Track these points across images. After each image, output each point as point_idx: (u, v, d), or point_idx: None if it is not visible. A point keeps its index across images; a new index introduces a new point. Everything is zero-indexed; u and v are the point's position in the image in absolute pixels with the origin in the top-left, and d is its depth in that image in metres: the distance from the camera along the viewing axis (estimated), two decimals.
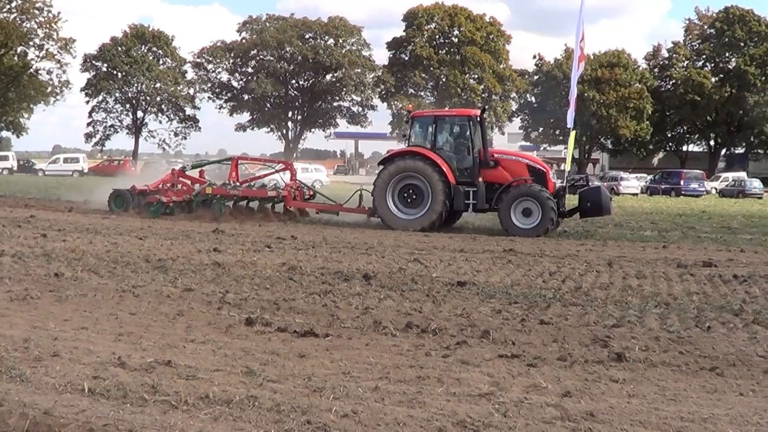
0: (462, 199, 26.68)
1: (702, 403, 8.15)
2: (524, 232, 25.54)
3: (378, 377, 8.69)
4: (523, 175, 26.70)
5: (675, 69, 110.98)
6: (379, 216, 27.56)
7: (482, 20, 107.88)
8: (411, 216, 26.92)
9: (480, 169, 26.95)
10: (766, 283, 16.41)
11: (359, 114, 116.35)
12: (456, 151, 27.77)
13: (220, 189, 29.60)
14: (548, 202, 25.63)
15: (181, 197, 29.65)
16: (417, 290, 14.43)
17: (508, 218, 26.00)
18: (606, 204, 27.00)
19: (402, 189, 27.15)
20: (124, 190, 30.81)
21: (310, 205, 31.05)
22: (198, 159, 56.61)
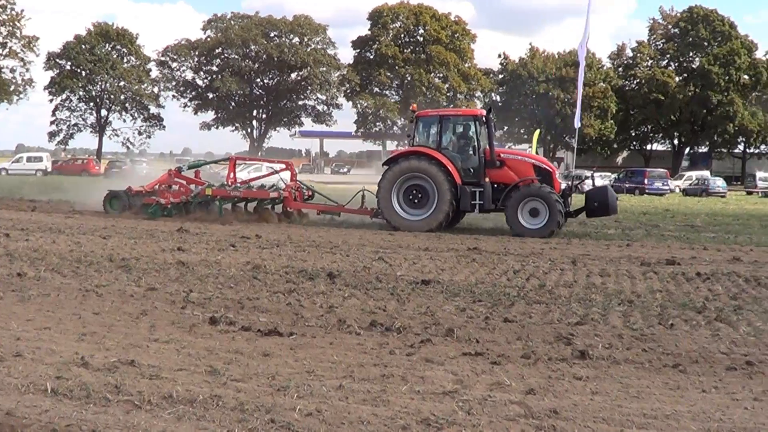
0: (468, 200, 26.40)
1: (665, 400, 8.21)
2: (531, 232, 25.36)
3: (342, 376, 8.70)
4: (529, 175, 26.46)
5: (639, 68, 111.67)
6: (384, 217, 27.19)
7: (447, 19, 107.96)
8: (417, 217, 26.62)
9: (486, 169, 26.71)
10: (729, 281, 16.53)
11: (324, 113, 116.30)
12: (461, 151, 27.49)
13: (220, 190, 29.28)
14: (556, 202, 25.45)
15: (178, 198, 29.16)
16: (381, 289, 14.44)
17: (515, 218, 25.76)
18: (613, 204, 26.97)
19: (407, 189, 26.80)
20: (120, 192, 30.18)
21: (311, 206, 30.52)
22: (161, 157, 55.48)
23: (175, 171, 30.64)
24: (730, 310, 13.15)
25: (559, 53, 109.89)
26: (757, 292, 15.24)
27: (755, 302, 14.02)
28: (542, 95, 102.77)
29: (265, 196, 29.55)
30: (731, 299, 14.31)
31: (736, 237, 26.88)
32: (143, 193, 29.72)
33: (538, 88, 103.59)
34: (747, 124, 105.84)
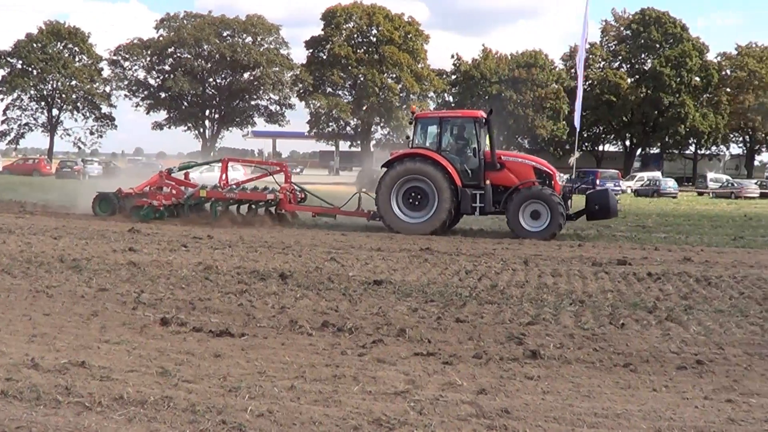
0: (469, 202, 26.19)
1: (615, 399, 8.28)
2: (533, 234, 25.23)
3: (294, 376, 8.69)
4: (530, 177, 26.38)
5: (591, 70, 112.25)
6: (383, 220, 26.91)
7: (400, 20, 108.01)
8: (416, 219, 26.38)
9: (486, 172, 26.51)
10: (680, 281, 16.67)
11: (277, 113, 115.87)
12: (461, 152, 27.29)
13: (214, 192, 28.82)
14: (558, 205, 25.38)
15: (170, 200, 28.71)
16: (333, 289, 14.44)
17: (516, 221, 25.64)
18: (613, 206, 27.00)
19: (406, 192, 26.55)
20: (109, 194, 29.56)
21: (307, 208, 30.11)
22: (110, 157, 53.65)
23: (166, 172, 30.05)
24: (680, 309, 13.25)
25: (512, 54, 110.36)
26: (707, 292, 15.37)
27: (705, 302, 14.14)
28: (495, 96, 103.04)
29: (262, 198, 29.00)
30: (682, 299, 14.42)
31: (687, 237, 27.09)
32: (133, 195, 29.15)
33: (491, 89, 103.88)
34: (698, 125, 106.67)
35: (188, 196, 28.64)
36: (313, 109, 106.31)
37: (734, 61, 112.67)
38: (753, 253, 22.80)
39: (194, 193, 28.69)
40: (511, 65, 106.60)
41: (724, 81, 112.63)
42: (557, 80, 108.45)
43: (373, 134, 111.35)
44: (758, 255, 22.16)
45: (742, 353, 10.32)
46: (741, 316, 12.86)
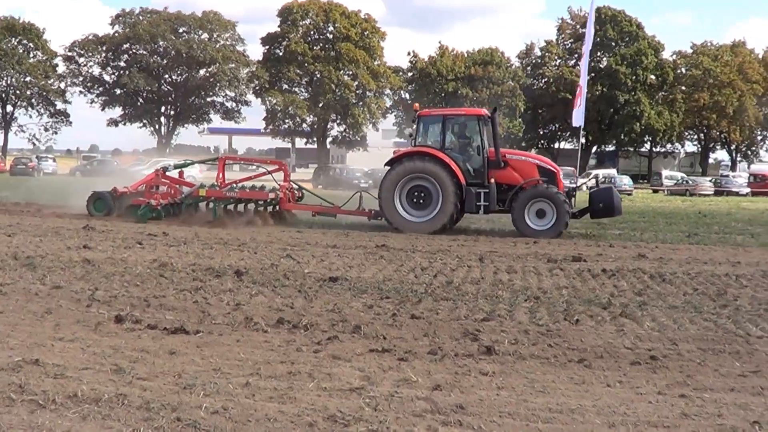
0: (473, 201, 26.01)
1: (570, 394, 8.32)
2: (538, 233, 25.16)
3: (249, 373, 8.68)
4: (533, 175, 26.31)
5: (547, 67, 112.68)
6: (386, 219, 26.71)
7: (357, 17, 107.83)
8: (420, 218, 26.15)
9: (490, 170, 26.45)
10: (634, 277, 16.79)
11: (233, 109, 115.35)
12: (465, 151, 27.20)
13: (215, 191, 28.29)
14: (564, 203, 25.39)
15: (167, 199, 28.14)
16: (289, 286, 14.42)
17: (522, 220, 25.61)
18: (618, 205, 26.90)
19: (410, 191, 26.35)
20: (104, 193, 28.77)
21: (307, 207, 29.65)
22: (70, 153, 51.58)
23: (162, 171, 29.39)
24: (634, 305, 13.36)
25: (468, 52, 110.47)
26: (661, 288, 15.50)
27: (660, 298, 14.26)
28: (451, 93, 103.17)
29: (264, 197, 28.52)
30: (636, 295, 14.53)
31: (641, 234, 27.22)
32: (128, 194, 28.65)
33: (447, 86, 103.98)
34: (653, 123, 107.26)
35: (186, 194, 28.30)
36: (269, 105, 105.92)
37: (689, 60, 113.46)
38: (707, 249, 22.98)
39: (193, 191, 28.35)
40: (468, 63, 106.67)
41: (679, 79, 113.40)
42: (513, 78, 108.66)
43: (329, 131, 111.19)
44: (712, 252, 22.34)
45: (696, 349, 10.40)
46: (695, 312, 12.97)
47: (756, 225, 32.58)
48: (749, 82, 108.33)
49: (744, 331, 11.53)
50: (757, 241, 25.80)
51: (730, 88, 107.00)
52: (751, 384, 8.92)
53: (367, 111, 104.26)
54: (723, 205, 53.33)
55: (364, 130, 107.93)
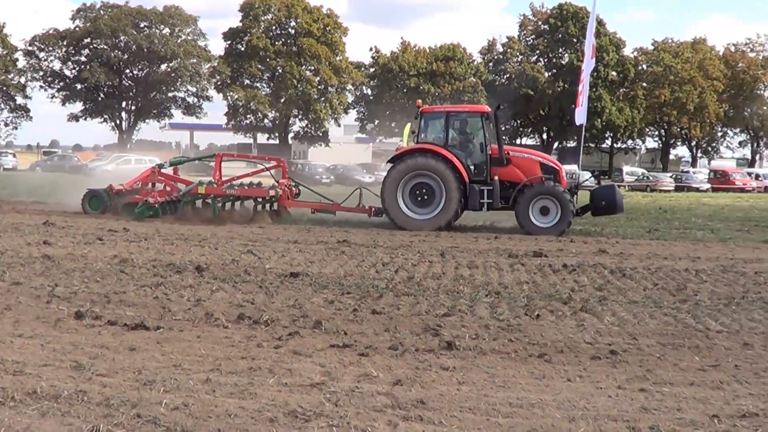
0: (477, 198, 25.94)
1: (530, 389, 8.37)
2: (543, 230, 25.12)
3: (209, 369, 8.67)
4: (536, 173, 26.22)
5: (509, 64, 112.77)
6: (389, 216, 26.54)
7: (319, 12, 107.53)
8: (424, 216, 26.05)
9: (492, 167, 26.35)
10: (595, 273, 16.89)
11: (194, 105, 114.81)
12: (467, 148, 27.14)
13: (214, 188, 27.85)
14: (568, 201, 25.39)
15: (164, 197, 27.54)
16: (250, 282, 14.43)
17: (526, 217, 25.51)
18: (620, 202, 26.98)
19: (413, 188, 26.21)
20: (99, 190, 28.44)
21: (307, 204, 29.18)
22: (35, 148, 48.40)
23: (158, 168, 29.01)
24: (595, 300, 13.44)
25: (430, 48, 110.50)
26: (621, 283, 15.60)
27: (620, 293, 14.36)
28: (413, 89, 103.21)
29: (265, 194, 28.27)
30: (596, 290, 14.61)
31: (602, 229, 27.34)
32: (124, 191, 28.17)
33: (409, 81, 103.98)
34: (614, 119, 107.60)
35: (185, 192, 27.89)
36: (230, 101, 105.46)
37: (650, 56, 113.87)
38: (667, 245, 23.11)
39: (192, 189, 27.93)
40: (430, 59, 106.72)
41: (640, 76, 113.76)
42: (475, 74, 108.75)
43: (291, 127, 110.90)
44: (672, 247, 22.48)
45: (656, 343, 10.48)
46: (654, 307, 13.06)
47: (716, 220, 32.79)
48: (710, 79, 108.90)
49: (703, 326, 11.61)
50: (717, 237, 25.96)
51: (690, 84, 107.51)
52: (711, 378, 8.99)
53: (329, 106, 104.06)
54: (683, 201, 53.68)
55: (326, 126, 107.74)
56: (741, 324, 11.87)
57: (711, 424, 7.44)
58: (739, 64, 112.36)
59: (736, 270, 17.75)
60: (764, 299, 14.06)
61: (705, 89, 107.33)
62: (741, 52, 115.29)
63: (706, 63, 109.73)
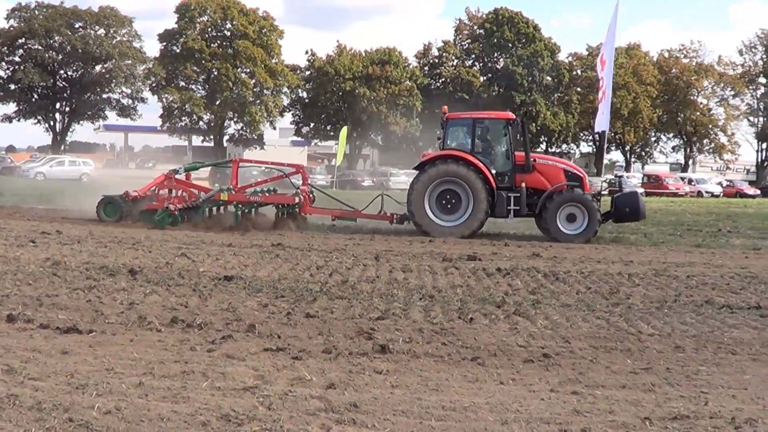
0: (504, 205, 25.83)
1: (463, 392, 8.43)
2: (571, 237, 25.13)
3: (142, 373, 8.63)
4: (560, 180, 26.17)
5: (445, 68, 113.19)
6: (416, 223, 26.29)
7: (255, 14, 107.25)
8: (451, 223, 25.86)
9: (517, 174, 26.28)
10: (528, 276, 17.02)
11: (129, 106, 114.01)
12: (493, 154, 27.05)
13: (238, 195, 27.31)
14: (595, 207, 25.43)
15: (182, 204, 26.65)
16: (183, 285, 14.35)
17: (554, 224, 25.45)
18: (643, 209, 26.99)
19: (440, 194, 26.02)
20: (115, 197, 27.35)
21: (327, 211, 28.47)
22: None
23: (173, 174, 27.86)
24: (528, 304, 13.54)
25: (366, 51, 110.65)
26: (555, 286, 15.73)
27: (553, 296, 14.48)
28: (349, 92, 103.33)
29: (291, 201, 27.63)
30: (530, 294, 14.72)
31: (536, 233, 27.45)
32: (140, 198, 27.20)
33: (344, 85, 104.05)
34: (549, 124, 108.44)
35: (205, 198, 27.17)
36: (165, 103, 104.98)
37: (585, 62, 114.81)
38: (600, 248, 23.33)
39: (213, 195, 27.20)
40: (365, 62, 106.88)
41: (574, 81, 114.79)
42: (411, 77, 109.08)
43: (226, 129, 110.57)
44: (605, 251, 22.69)
45: (588, 346, 10.60)
46: (587, 310, 13.21)
47: (649, 224, 33.06)
48: (643, 84, 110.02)
49: (635, 329, 11.77)
50: (650, 241, 26.29)
51: (624, 90, 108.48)
52: (642, 381, 9.11)
53: (265, 109, 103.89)
54: None
55: (261, 129, 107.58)
56: (672, 327, 12.04)
57: (642, 427, 7.54)
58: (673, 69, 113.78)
59: (669, 274, 17.96)
60: (696, 302, 14.25)
61: (639, 94, 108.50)
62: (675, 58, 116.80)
63: (640, 69, 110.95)
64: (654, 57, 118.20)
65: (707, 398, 8.52)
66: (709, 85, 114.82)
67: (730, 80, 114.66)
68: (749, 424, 7.67)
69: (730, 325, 12.31)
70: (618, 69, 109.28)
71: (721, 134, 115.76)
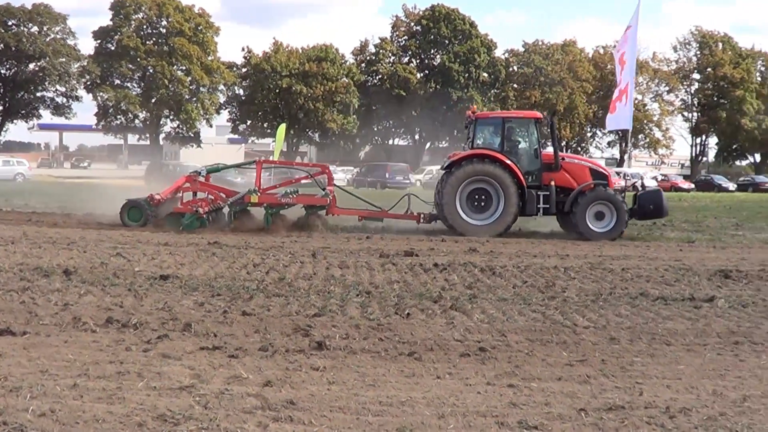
0: (534, 203, 25.97)
1: (400, 387, 8.46)
2: (600, 235, 25.22)
3: (77, 374, 8.56)
4: (587, 179, 26.29)
5: (381, 64, 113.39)
6: (448, 223, 26.28)
7: (191, 11, 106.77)
8: (482, 222, 25.96)
9: (545, 173, 26.43)
10: (465, 271, 17.07)
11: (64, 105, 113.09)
12: (522, 153, 27.08)
13: (269, 197, 26.56)
14: (623, 205, 25.58)
15: (208, 206, 26.12)
16: (119, 285, 14.20)
17: (584, 222, 25.52)
18: (666, 206, 27.15)
19: (470, 193, 26.08)
20: (140, 200, 26.34)
21: (354, 212, 27.98)
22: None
23: (197, 176, 27.43)
24: (465, 299, 13.60)
25: (302, 48, 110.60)
26: (491, 281, 15.82)
27: (489, 291, 14.56)
28: (285, 90, 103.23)
29: (323, 202, 26.92)
30: (467, 288, 14.80)
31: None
32: (163, 201, 26.43)
33: (281, 82, 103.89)
34: None
35: (233, 201, 26.60)
36: (100, 101, 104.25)
37: (521, 58, 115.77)
38: (537, 243, 23.51)
39: (243, 197, 26.49)
40: (302, 59, 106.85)
41: (511, 77, 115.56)
42: (348, 74, 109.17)
43: (162, 127, 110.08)
44: (541, 245, 22.84)
45: (524, 340, 10.67)
46: (524, 303, 13.30)
47: None
48: (579, 81, 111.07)
49: (571, 322, 11.88)
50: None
51: (560, 86, 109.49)
52: (578, 373, 9.21)
53: (201, 107, 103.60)
54: None
55: (197, 126, 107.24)
56: (608, 319, 12.16)
57: (578, 418, 7.60)
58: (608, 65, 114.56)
59: (604, 267, 18.17)
60: (630, 295, 14.43)
61: (575, 90, 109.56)
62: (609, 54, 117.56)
63: (575, 65, 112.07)
64: (589, 53, 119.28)
65: (642, 389, 8.61)
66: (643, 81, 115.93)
67: (664, 76, 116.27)
68: (683, 414, 7.77)
69: (665, 317, 12.47)
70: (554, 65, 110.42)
71: (656, 129, 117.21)
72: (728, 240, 26.11)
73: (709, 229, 29.99)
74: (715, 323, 12.06)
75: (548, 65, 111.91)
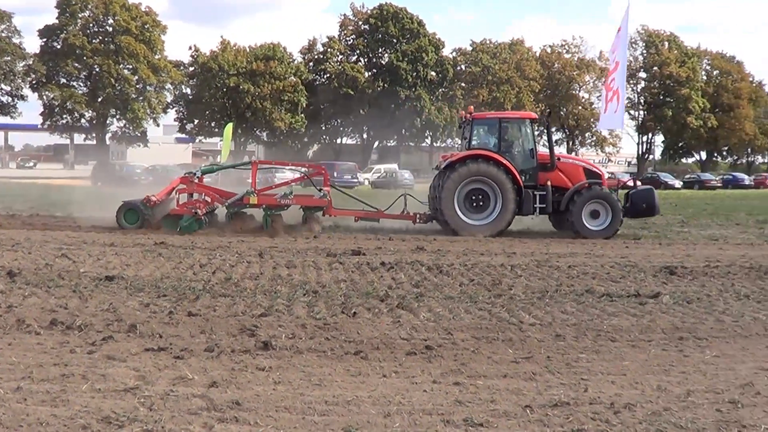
0: (531, 203, 26.11)
1: (347, 386, 8.49)
2: (596, 233, 25.47)
3: (20, 377, 8.49)
4: (581, 178, 26.54)
5: (329, 63, 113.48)
6: (446, 223, 26.26)
7: (138, 10, 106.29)
8: (480, 221, 26.01)
9: (541, 172, 26.54)
10: (412, 270, 17.13)
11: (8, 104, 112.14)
12: (518, 153, 27.11)
13: (267, 198, 26.46)
14: (618, 204, 25.91)
15: (206, 208, 25.97)
16: (63, 286, 14.09)
17: (580, 221, 25.73)
18: (658, 204, 27.53)
19: (468, 194, 26.12)
20: (136, 202, 25.98)
21: (350, 212, 28.12)
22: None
23: (192, 177, 26.97)
24: (412, 297, 13.64)
25: (250, 47, 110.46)
26: (438, 279, 15.88)
27: (436, 289, 14.62)
28: (233, 88, 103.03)
29: (322, 203, 26.77)
30: (414, 287, 14.84)
31: (420, 227, 27.62)
32: (159, 203, 25.95)
33: (229, 81, 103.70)
34: (433, 118, 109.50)
35: (231, 202, 26.31)
36: (46, 100, 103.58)
37: (469, 57, 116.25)
38: (484, 241, 23.67)
39: (241, 198, 26.26)
40: (250, 58, 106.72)
41: (459, 76, 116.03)
42: (295, 73, 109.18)
43: (108, 127, 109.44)
44: (488, 243, 22.97)
45: (470, 338, 10.74)
46: (470, 302, 13.36)
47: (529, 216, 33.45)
48: (527, 79, 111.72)
49: (517, 319, 11.96)
50: (533, 232, 26.63)
51: (508, 84, 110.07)
52: (524, 370, 9.28)
53: (148, 106, 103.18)
54: None
55: (144, 126, 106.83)
56: (553, 316, 12.26)
57: (524, 415, 7.65)
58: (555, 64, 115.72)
59: (551, 264, 18.32)
60: (576, 292, 14.56)
61: (522, 89, 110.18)
62: (557, 53, 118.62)
63: (523, 64, 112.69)
64: (537, 52, 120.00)
65: (587, 385, 8.70)
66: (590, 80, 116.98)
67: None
68: (628, 409, 7.84)
69: (610, 313, 12.59)
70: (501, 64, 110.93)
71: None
72: (674, 237, 26.49)
73: (655, 226, 30.23)
74: (660, 319, 12.19)
75: (496, 64, 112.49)
